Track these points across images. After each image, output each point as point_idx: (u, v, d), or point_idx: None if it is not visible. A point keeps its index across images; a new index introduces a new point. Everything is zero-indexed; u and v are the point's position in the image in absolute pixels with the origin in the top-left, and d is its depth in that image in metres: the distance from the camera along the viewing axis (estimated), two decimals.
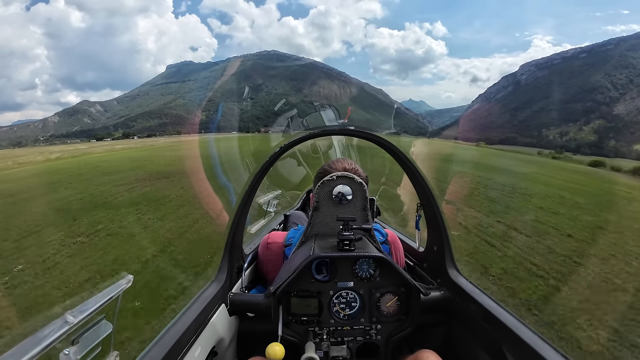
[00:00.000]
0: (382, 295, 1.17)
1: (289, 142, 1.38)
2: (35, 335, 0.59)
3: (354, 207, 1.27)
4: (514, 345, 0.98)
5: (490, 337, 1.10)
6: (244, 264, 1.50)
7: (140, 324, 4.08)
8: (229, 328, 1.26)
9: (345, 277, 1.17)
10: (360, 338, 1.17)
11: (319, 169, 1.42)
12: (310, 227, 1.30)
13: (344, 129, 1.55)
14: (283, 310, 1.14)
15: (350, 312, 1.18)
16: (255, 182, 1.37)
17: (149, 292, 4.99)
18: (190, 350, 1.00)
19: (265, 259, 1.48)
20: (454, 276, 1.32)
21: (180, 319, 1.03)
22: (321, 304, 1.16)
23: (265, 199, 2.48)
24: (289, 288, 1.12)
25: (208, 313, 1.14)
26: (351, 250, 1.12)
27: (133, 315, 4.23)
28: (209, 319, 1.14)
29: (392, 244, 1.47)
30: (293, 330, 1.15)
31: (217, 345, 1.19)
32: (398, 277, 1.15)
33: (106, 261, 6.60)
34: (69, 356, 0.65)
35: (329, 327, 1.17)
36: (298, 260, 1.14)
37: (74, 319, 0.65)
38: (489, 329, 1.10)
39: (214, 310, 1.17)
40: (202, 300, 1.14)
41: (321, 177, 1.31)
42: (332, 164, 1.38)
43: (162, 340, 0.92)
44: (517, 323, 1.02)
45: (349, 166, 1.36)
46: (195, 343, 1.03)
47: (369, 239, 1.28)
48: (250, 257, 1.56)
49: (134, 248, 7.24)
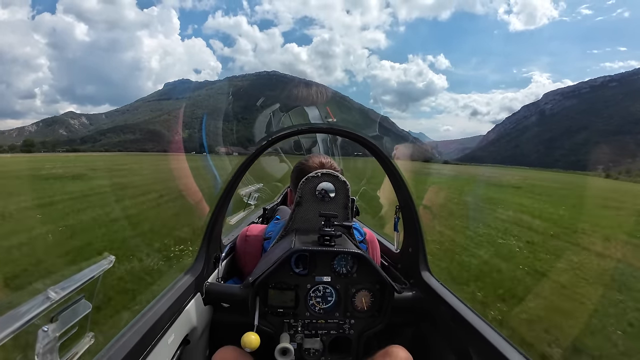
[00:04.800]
0: (357, 291, 1.19)
1: (275, 136, 1.34)
2: (18, 309, 0.59)
3: (336, 204, 1.28)
4: (479, 346, 1.00)
5: (457, 338, 1.12)
6: (222, 254, 1.49)
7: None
8: (203, 317, 1.26)
9: (323, 272, 1.18)
10: (333, 332, 1.19)
11: (296, 164, 1.45)
12: (292, 221, 1.30)
13: (332, 128, 1.53)
14: (260, 301, 1.15)
15: (326, 306, 1.19)
16: (239, 174, 1.36)
17: None
18: (163, 337, 1.00)
19: (243, 251, 1.47)
20: (426, 277, 1.35)
21: (154, 305, 1.03)
22: (298, 297, 1.17)
23: (247, 192, 2.46)
24: (267, 280, 1.13)
25: (183, 301, 1.13)
26: (331, 245, 1.13)
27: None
28: (184, 307, 1.14)
29: (370, 243, 1.49)
30: (268, 321, 1.16)
31: (190, 333, 1.19)
32: (374, 274, 1.18)
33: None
34: (47, 333, 0.64)
35: (304, 319, 1.18)
36: (278, 253, 1.14)
37: (55, 295, 0.64)
38: (457, 330, 1.12)
39: (189, 299, 1.17)
40: (178, 288, 1.13)
41: (301, 172, 1.34)
42: (309, 159, 1.41)
43: (135, 326, 0.92)
44: (483, 325, 1.04)
45: (325, 160, 1.39)
46: (168, 330, 1.04)
47: (348, 236, 1.30)
48: (227, 249, 1.55)
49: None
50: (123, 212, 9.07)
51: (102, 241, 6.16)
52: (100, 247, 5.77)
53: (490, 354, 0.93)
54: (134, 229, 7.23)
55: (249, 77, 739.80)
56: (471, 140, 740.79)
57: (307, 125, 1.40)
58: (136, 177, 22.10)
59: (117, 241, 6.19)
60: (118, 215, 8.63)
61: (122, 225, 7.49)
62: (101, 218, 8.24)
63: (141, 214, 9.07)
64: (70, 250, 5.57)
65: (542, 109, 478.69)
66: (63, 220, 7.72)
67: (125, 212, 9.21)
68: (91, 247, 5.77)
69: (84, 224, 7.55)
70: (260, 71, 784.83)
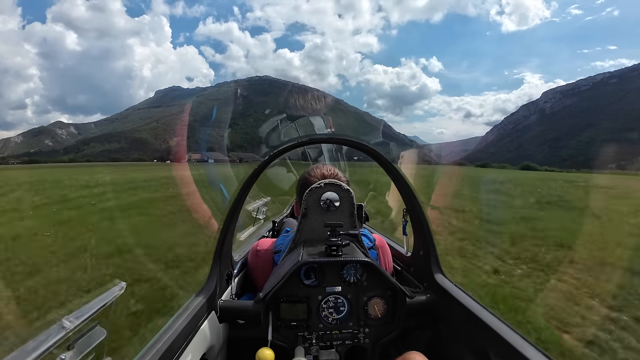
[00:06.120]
0: (369, 299, 1.19)
1: (278, 150, 1.36)
2: (34, 340, 0.60)
3: (341, 213, 1.28)
4: (497, 346, 0.99)
5: (475, 340, 1.11)
6: (234, 271, 1.50)
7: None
8: (219, 335, 1.26)
9: (333, 282, 1.18)
10: (348, 342, 1.18)
11: (300, 177, 1.47)
12: (299, 233, 1.31)
13: (333, 137, 1.56)
14: (272, 315, 1.15)
15: (339, 316, 1.19)
16: (245, 189, 1.36)
17: None
18: (180, 357, 1.01)
19: (255, 266, 1.48)
20: (440, 279, 1.34)
21: (170, 326, 1.03)
22: (310, 308, 1.17)
23: (255, 206, 2.45)
24: (277, 294, 1.13)
25: (198, 320, 1.14)
26: (338, 255, 1.13)
27: None
28: (199, 326, 1.14)
29: (380, 248, 1.49)
30: (282, 335, 1.16)
31: (208, 352, 1.19)
32: (384, 280, 1.17)
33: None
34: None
35: (317, 331, 1.18)
36: (287, 267, 1.14)
37: (70, 324, 0.66)
38: (474, 331, 1.11)
39: (204, 318, 1.18)
40: (192, 307, 1.14)
41: (305, 184, 1.35)
42: (312, 171, 1.42)
43: (152, 348, 0.92)
44: (500, 324, 1.03)
45: (327, 172, 1.40)
46: (185, 350, 1.03)
47: (357, 244, 1.30)
48: (239, 265, 1.56)
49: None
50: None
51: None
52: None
53: (510, 354, 0.92)
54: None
55: (241, 82, 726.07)
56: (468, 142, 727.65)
57: (308, 137, 1.41)
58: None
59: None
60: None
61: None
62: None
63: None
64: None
65: (541, 108, 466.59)
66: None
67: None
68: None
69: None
70: (252, 76, 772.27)
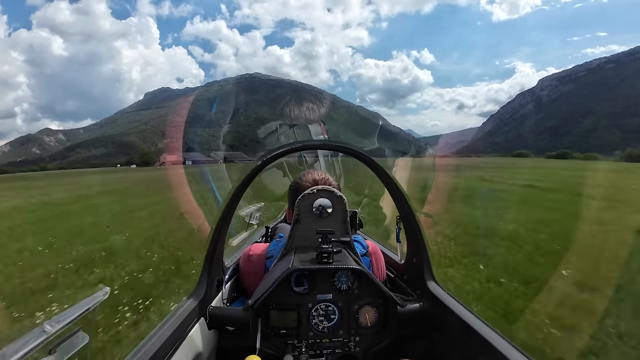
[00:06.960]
0: (360, 307, 1.18)
1: (271, 155, 1.33)
2: (15, 343, 0.60)
3: (334, 220, 1.27)
4: (489, 356, 0.99)
5: (467, 349, 1.11)
6: (225, 276, 1.47)
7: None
8: (208, 342, 1.24)
9: (324, 290, 1.17)
10: (339, 350, 1.17)
11: (292, 182, 1.45)
12: (291, 240, 1.30)
13: (326, 144, 1.54)
14: (262, 323, 1.14)
15: (329, 324, 1.18)
16: (237, 194, 1.34)
17: None
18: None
19: (247, 272, 1.45)
20: (432, 288, 1.33)
21: (157, 332, 1.01)
22: (300, 316, 1.16)
23: (248, 212, 2.43)
24: (267, 301, 1.12)
25: (186, 327, 1.12)
26: (329, 262, 1.12)
27: None
28: (187, 333, 1.11)
29: (373, 255, 1.47)
30: (272, 343, 1.15)
31: (196, 359, 1.17)
32: (376, 289, 1.16)
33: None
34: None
35: (307, 339, 1.16)
36: (277, 273, 1.13)
37: (51, 328, 0.65)
38: (466, 341, 1.10)
39: (193, 324, 1.15)
40: (181, 314, 1.11)
41: (297, 190, 1.33)
42: (303, 176, 1.41)
43: (138, 353, 0.90)
44: (492, 334, 1.02)
45: (319, 177, 1.38)
46: (173, 357, 1.01)
47: (349, 251, 1.28)
48: (231, 270, 1.54)
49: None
50: None
51: None
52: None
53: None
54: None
55: (230, 80, 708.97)
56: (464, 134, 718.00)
57: (301, 143, 1.39)
58: None
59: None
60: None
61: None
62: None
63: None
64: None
65: (538, 95, 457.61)
66: None
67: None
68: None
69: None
70: (242, 74, 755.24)
